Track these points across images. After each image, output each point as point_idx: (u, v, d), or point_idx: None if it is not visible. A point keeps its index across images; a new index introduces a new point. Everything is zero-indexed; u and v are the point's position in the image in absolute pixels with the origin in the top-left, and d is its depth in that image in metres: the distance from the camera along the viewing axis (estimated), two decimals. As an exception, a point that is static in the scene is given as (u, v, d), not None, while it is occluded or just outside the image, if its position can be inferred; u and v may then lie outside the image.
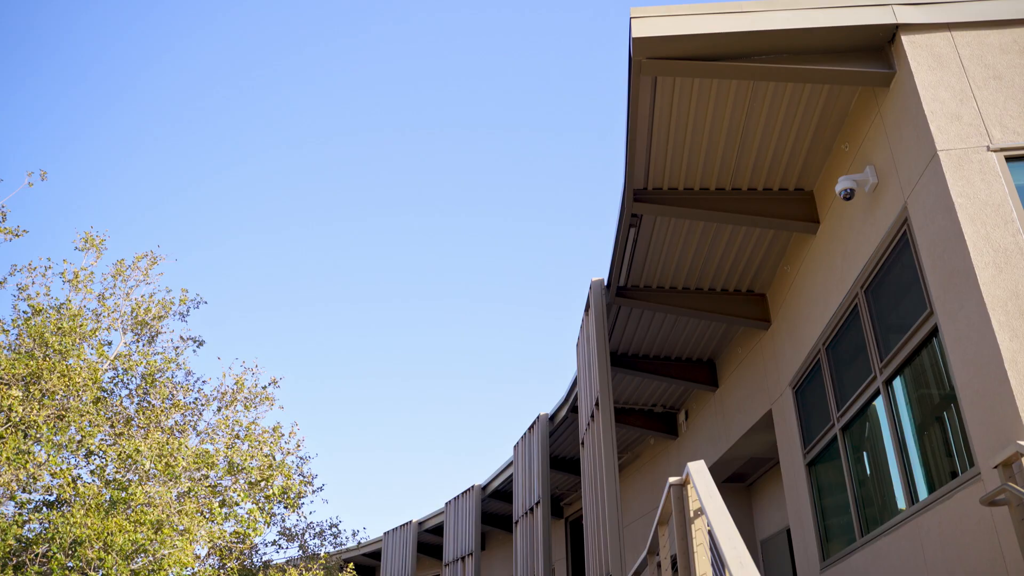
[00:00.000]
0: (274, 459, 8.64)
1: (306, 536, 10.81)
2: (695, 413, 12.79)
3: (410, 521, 19.81)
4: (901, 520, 6.68)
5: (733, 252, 9.35)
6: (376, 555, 22.07)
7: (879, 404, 7.23)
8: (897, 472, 6.87)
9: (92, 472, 8.10)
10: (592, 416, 10.02)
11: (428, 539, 20.87)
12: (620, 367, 11.61)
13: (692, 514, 4.48)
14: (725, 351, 11.53)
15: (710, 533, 4.26)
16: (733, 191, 8.34)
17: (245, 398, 9.12)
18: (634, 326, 11.10)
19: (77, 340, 8.34)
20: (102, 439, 8.30)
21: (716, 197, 8.34)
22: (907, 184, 6.32)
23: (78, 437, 7.66)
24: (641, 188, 8.34)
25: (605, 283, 10.18)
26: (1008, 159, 5.77)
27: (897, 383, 6.90)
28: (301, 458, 9.02)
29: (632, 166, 7.97)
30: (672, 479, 4.81)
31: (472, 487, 17.26)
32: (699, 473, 4.25)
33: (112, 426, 8.53)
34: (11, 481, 6.54)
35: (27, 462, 6.46)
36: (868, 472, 7.63)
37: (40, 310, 8.60)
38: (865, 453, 7.69)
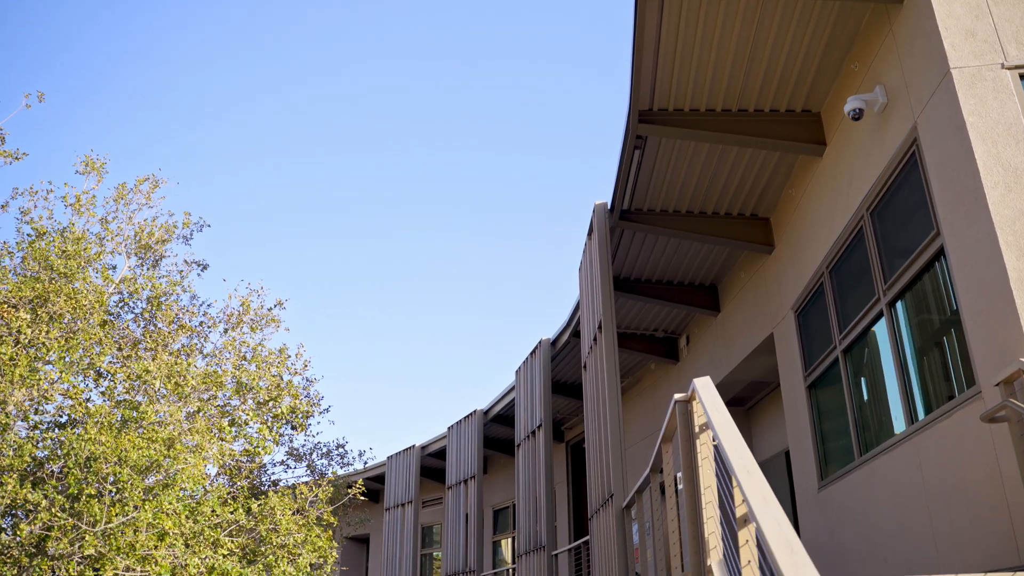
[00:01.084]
0: (281, 379, 8.73)
1: (313, 456, 11.01)
2: (696, 338, 12.87)
3: (413, 445, 20.12)
4: (900, 439, 6.78)
5: (738, 175, 9.29)
6: (380, 479, 22.49)
7: (881, 326, 7.28)
8: (897, 393, 6.95)
9: (102, 394, 8.19)
10: (595, 339, 10.09)
11: (431, 463, 21.23)
12: (622, 291, 11.65)
13: (697, 429, 4.54)
14: (728, 275, 11.56)
15: (716, 446, 4.33)
16: (739, 112, 8.25)
17: (251, 320, 9.16)
18: (637, 250, 11.09)
19: (82, 264, 8.34)
20: (111, 361, 8.37)
21: (722, 118, 8.25)
22: (917, 103, 6.24)
23: (87, 359, 7.72)
24: (646, 109, 8.24)
25: (608, 207, 10.14)
26: (1023, 77, 5.68)
27: (900, 305, 6.93)
28: (308, 380, 9.13)
29: (637, 86, 7.86)
30: (677, 395, 4.86)
31: (474, 412, 17.48)
32: (705, 388, 4.30)
33: (120, 349, 8.59)
34: (24, 401, 6.62)
35: (39, 380, 6.53)
36: (868, 394, 7.72)
37: (44, 233, 8.58)
38: (866, 375, 7.77)
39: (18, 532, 6.17)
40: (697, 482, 4.53)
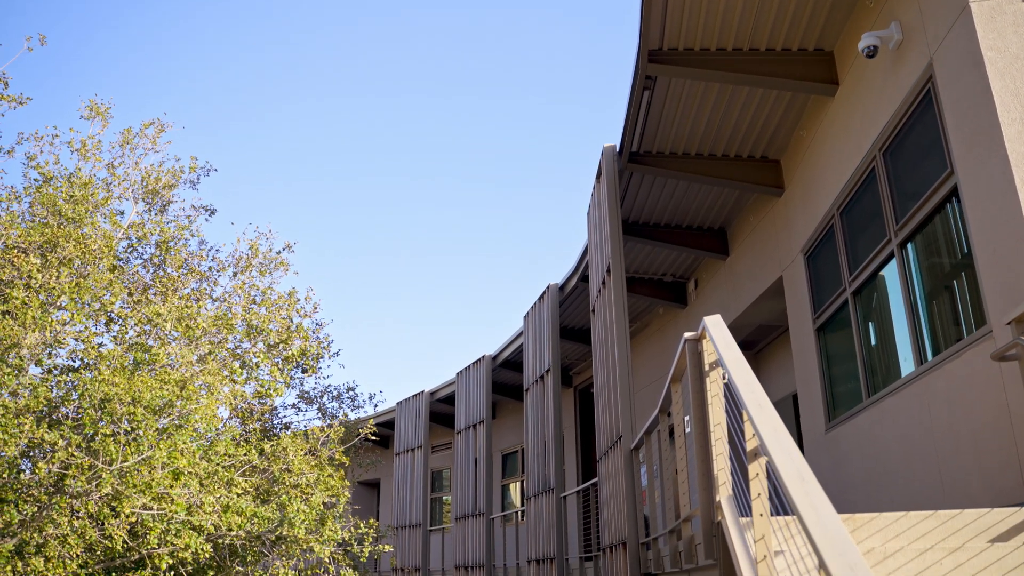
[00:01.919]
0: (291, 322, 8.77)
1: (324, 399, 11.12)
2: (705, 282, 12.86)
3: (422, 391, 20.28)
4: (909, 380, 6.80)
5: (748, 116, 9.18)
6: (390, 424, 22.73)
7: (892, 268, 7.25)
8: (907, 334, 6.94)
9: (114, 339, 8.25)
10: (603, 283, 10.09)
11: (440, 409, 21.42)
12: (631, 235, 11.62)
13: (707, 367, 4.55)
14: (737, 219, 11.50)
15: (726, 383, 4.34)
16: (751, 51, 8.11)
17: (260, 263, 9.17)
18: (645, 194, 11.03)
19: (89, 209, 8.33)
20: (121, 306, 8.41)
21: (733, 58, 8.12)
22: (934, 40, 6.12)
23: (98, 304, 7.76)
24: (656, 48, 8.11)
25: (617, 149, 10.06)
26: (1042, 10, 5.56)
27: (911, 246, 6.89)
28: (318, 323, 9.17)
29: (647, 24, 7.73)
30: (687, 334, 4.87)
31: (483, 357, 17.57)
32: (716, 326, 4.30)
33: (130, 294, 8.63)
34: (37, 344, 6.67)
35: (52, 323, 6.57)
36: (877, 336, 7.72)
37: (51, 178, 8.56)
38: (875, 317, 7.76)
39: (37, 471, 6.27)
40: (707, 419, 4.56)
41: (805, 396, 9.41)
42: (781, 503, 4.06)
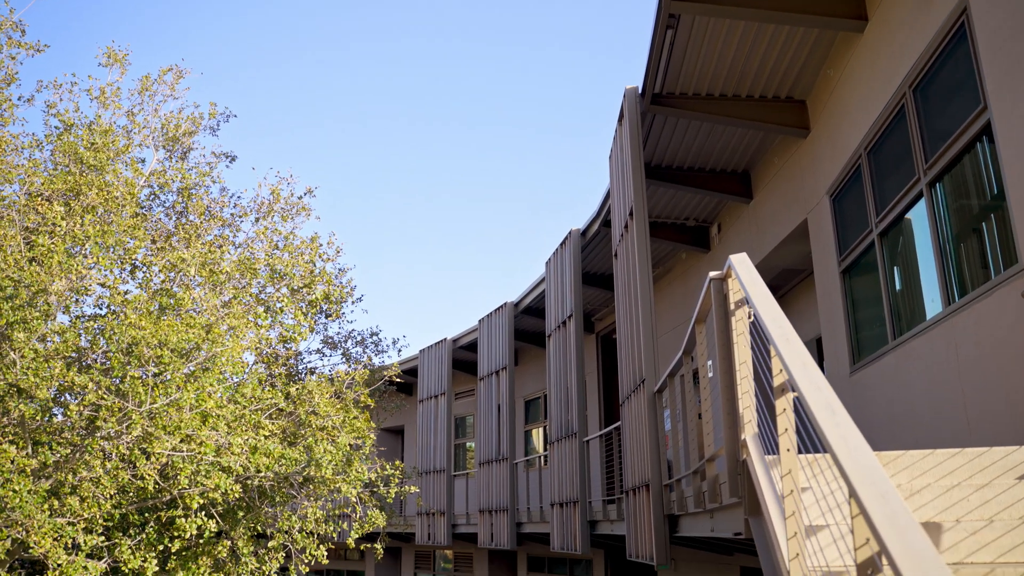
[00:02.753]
0: (314, 266, 8.78)
1: (348, 344, 11.18)
2: (728, 226, 12.74)
3: (445, 339, 20.38)
4: (936, 320, 6.73)
5: (774, 55, 8.98)
6: (413, 372, 22.91)
7: (920, 207, 7.13)
8: (934, 274, 6.85)
9: (139, 286, 8.31)
10: (625, 226, 10.01)
11: (463, 356, 21.54)
12: (653, 179, 11.49)
13: (733, 306, 4.51)
14: (761, 161, 11.34)
15: (752, 322, 4.31)
16: (778, -13, 7.91)
17: (282, 209, 9.15)
18: (668, 136, 10.88)
19: (111, 156, 8.33)
20: (145, 254, 8.46)
21: (759, -7, 7.92)
22: (968, -31, 5.93)
23: (121, 250, 7.80)
24: (680, -15, 7.93)
25: (640, 91, 9.89)
26: (1083, -65, 5.36)
27: (941, 185, 6.77)
28: (340, 268, 9.17)
29: (672, -40, 7.54)
30: (713, 273, 4.83)
31: (505, 304, 17.59)
32: (742, 263, 4.25)
33: (153, 241, 8.67)
34: (64, 291, 6.73)
35: (76, 266, 6.61)
36: (904, 276, 7.63)
37: (71, 125, 8.55)
38: (902, 258, 7.67)
39: (68, 414, 6.38)
40: (732, 358, 4.53)
41: (829, 339, 9.35)
42: (807, 443, 4.05)
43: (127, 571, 6.62)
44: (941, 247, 6.73)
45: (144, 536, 6.88)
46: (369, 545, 8.77)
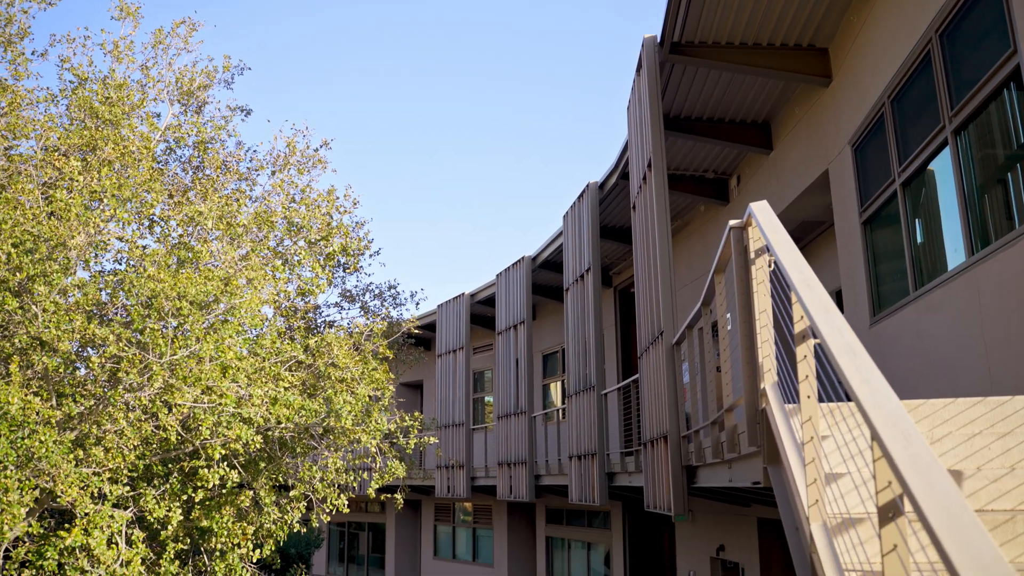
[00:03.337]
0: (331, 219, 8.77)
1: (366, 297, 11.20)
2: (747, 177, 12.61)
3: (463, 293, 20.42)
4: (959, 270, 6.65)
5: (795, 1, 8.79)
6: (431, 327, 23.01)
7: (945, 156, 7.00)
8: (958, 223, 6.76)
9: (156, 240, 8.34)
10: (644, 178, 9.92)
11: (480, 310, 21.59)
12: (672, 130, 11.35)
13: (753, 254, 4.46)
14: (781, 112, 11.16)
15: (772, 271, 4.27)
16: (801, -71, 7.71)
17: (298, 161, 9.11)
18: (687, 87, 10.72)
19: (126, 111, 8.30)
20: (163, 208, 8.47)
21: (782, -63, 7.73)
22: (999, -93, 5.75)
23: (138, 206, 7.81)
24: (701, -71, 7.74)
25: (659, 40, 9.73)
26: None
27: (966, 133, 6.64)
28: (357, 222, 9.15)
29: (692, -97, 7.35)
30: (732, 222, 4.77)
31: (522, 258, 17.57)
32: (762, 211, 4.19)
33: (170, 196, 8.67)
34: (83, 245, 6.76)
35: (95, 219, 6.63)
36: (926, 226, 7.53)
37: (85, 79, 8.52)
38: (924, 207, 7.56)
39: (91, 365, 6.44)
40: (752, 307, 4.50)
41: (849, 291, 9.27)
42: (826, 394, 4.03)
43: (152, 520, 6.74)
44: (965, 196, 6.63)
45: (168, 486, 6.99)
46: (390, 495, 8.88)
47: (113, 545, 6.32)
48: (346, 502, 7.73)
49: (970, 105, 6.40)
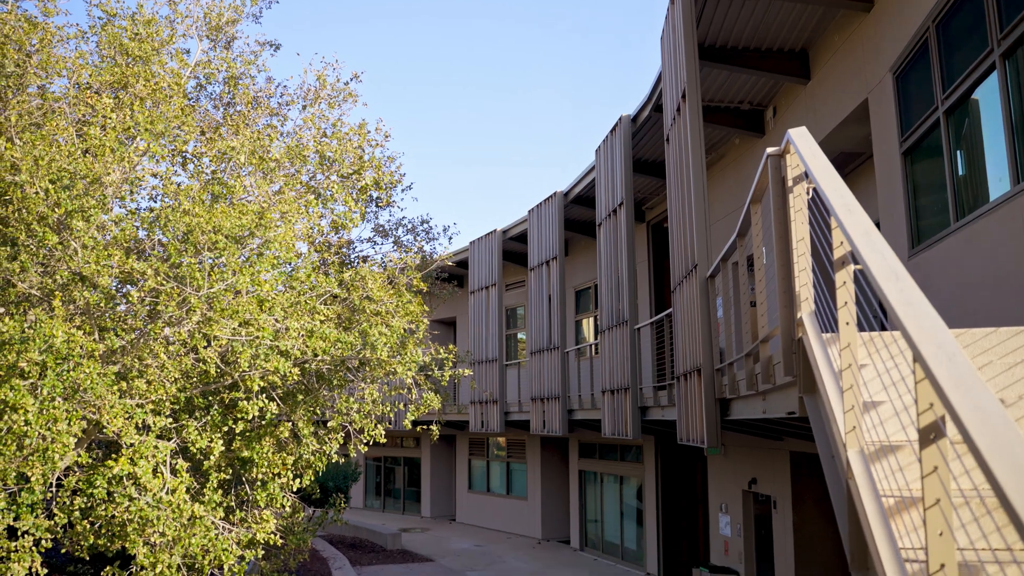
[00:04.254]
0: (363, 152, 8.73)
1: (399, 232, 11.23)
2: (784, 108, 12.34)
3: (495, 230, 20.40)
4: (1002, 200, 6.49)
5: (838, -79, 8.48)
6: (464, 264, 23.07)
7: (992, 81, 6.78)
8: (1004, 150, 6.57)
9: (190, 177, 8.38)
10: (678, 109, 9.75)
11: (513, 247, 21.59)
12: (707, 61, 11.10)
13: (791, 182, 4.38)
14: (820, 39, 10.86)
15: (811, 198, 4.19)
16: None
17: (328, 95, 9.05)
18: (722, 15, 10.44)
19: (156, 47, 8.27)
20: (195, 145, 8.49)
21: None
22: None
23: (171, 144, 7.84)
24: None
25: (694, -34, 9.46)
26: None
27: (1016, 57, 6.41)
28: (388, 156, 9.10)
29: None
30: (770, 149, 4.67)
31: (554, 193, 17.46)
32: (801, 137, 4.10)
33: (202, 132, 8.68)
34: (118, 182, 6.81)
35: (129, 153, 6.67)
36: (970, 155, 7.34)
37: (114, 15, 8.48)
38: (968, 136, 7.36)
39: (130, 298, 6.55)
40: (789, 235, 4.43)
41: (888, 222, 9.11)
42: (863, 324, 3.98)
43: (195, 451, 6.90)
44: (1012, 122, 6.43)
45: (209, 418, 7.14)
46: (425, 426, 9.01)
47: (159, 474, 6.49)
48: (383, 432, 7.86)
49: (1021, 26, 6.17)
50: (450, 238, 12.88)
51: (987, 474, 1.58)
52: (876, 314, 4.30)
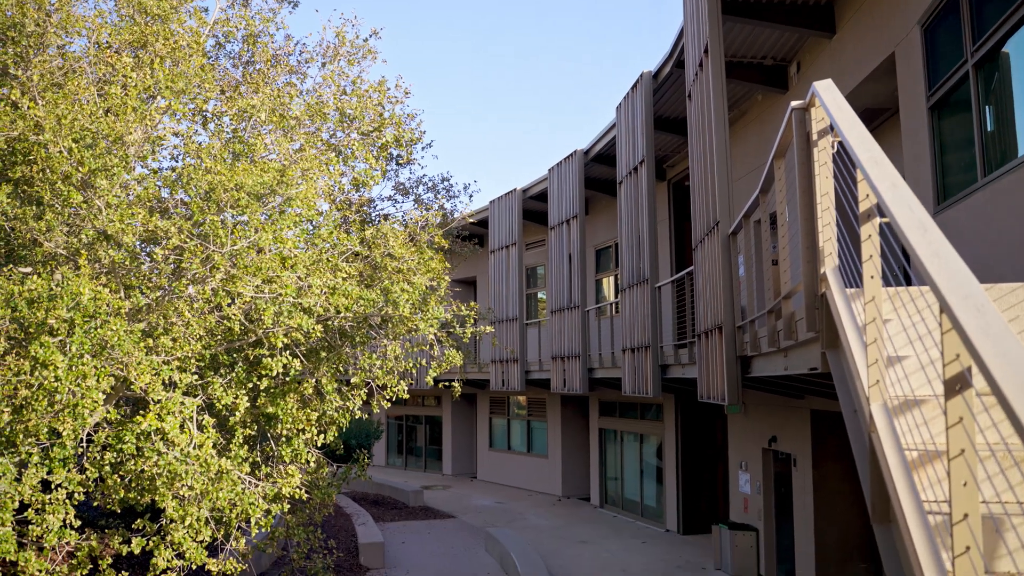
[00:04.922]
0: (383, 109, 8.71)
1: (420, 190, 11.23)
2: (808, 64, 12.14)
3: (515, 189, 20.34)
4: (1032, 154, 6.39)
5: None
6: (484, 224, 23.05)
7: (1023, 33, 6.64)
8: (1034, 104, 6.46)
9: (211, 136, 8.39)
10: (700, 65, 9.62)
11: (533, 206, 21.53)
12: (729, 14, 10.92)
13: (816, 136, 4.33)
14: (847, -9, 10.64)
15: (836, 153, 4.14)
16: None
17: (348, 52, 9.01)
18: (748, -33, 10.25)
19: (175, 5, 8.24)
20: (216, 105, 8.49)
21: None
22: None
23: (192, 102, 7.84)
24: None
25: (718, -84, 9.27)
26: None
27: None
28: (408, 113, 9.06)
29: None
30: (795, 103, 4.61)
31: (575, 152, 17.35)
32: (827, 90, 4.04)
33: (222, 91, 8.67)
34: (141, 141, 6.84)
35: (151, 112, 6.69)
36: (999, 109, 7.21)
37: (131, -28, 8.44)
38: (998, 90, 7.22)
39: (154, 257, 6.62)
40: (813, 189, 4.39)
41: (913, 179, 9.00)
42: (888, 279, 3.95)
43: (220, 407, 7.00)
44: (1043, 74, 6.31)
45: (234, 375, 7.23)
46: (447, 384, 9.09)
47: (186, 430, 6.60)
48: (406, 388, 7.94)
49: (1053, -25, 6.03)
50: (471, 196, 12.90)
51: (1013, 421, 1.58)
52: (899, 271, 4.27)
